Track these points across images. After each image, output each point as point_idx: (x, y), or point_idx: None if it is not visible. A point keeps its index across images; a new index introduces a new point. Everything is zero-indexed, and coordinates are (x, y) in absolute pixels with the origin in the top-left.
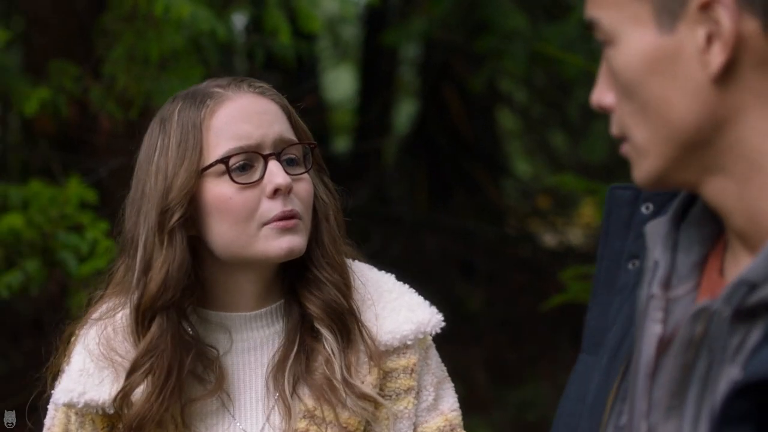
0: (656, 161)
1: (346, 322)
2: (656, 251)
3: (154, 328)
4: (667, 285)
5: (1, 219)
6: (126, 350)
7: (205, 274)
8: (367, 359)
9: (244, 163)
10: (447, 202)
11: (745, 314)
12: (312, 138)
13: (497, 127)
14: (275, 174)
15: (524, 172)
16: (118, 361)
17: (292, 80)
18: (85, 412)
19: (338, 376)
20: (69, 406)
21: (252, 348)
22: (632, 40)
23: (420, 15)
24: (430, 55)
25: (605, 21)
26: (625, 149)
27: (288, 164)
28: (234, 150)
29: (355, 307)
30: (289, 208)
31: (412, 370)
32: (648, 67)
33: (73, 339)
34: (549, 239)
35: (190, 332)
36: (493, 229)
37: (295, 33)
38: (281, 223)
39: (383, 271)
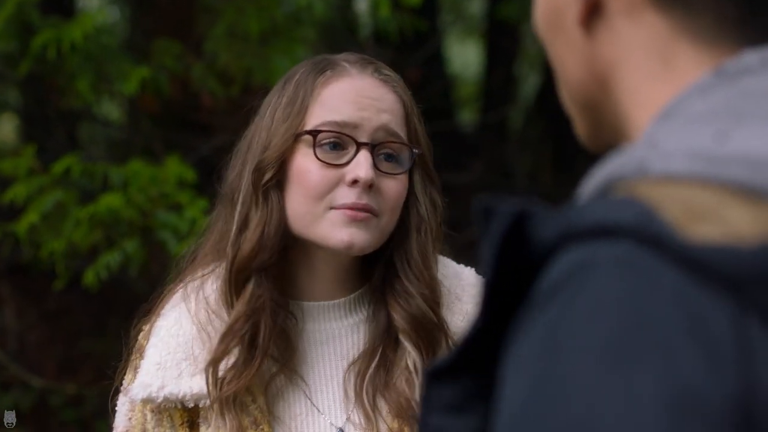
0: (578, 124)
1: (433, 337)
2: None
3: (250, 288)
4: None
5: (100, 199)
6: (221, 317)
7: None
8: None
9: (335, 142)
10: (571, 174)
11: None
12: (424, 144)
13: None
14: (360, 165)
15: None
16: (203, 341)
17: (404, 54)
18: (163, 408)
19: (417, 395)
20: (147, 401)
21: (331, 339)
22: (539, 0)
23: None
24: None
25: None
26: None
27: (385, 159)
28: (326, 125)
29: (444, 321)
30: (363, 201)
31: None
32: (546, 25)
33: (143, 333)
34: None
35: (280, 299)
36: None
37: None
38: (350, 213)
39: (462, 265)
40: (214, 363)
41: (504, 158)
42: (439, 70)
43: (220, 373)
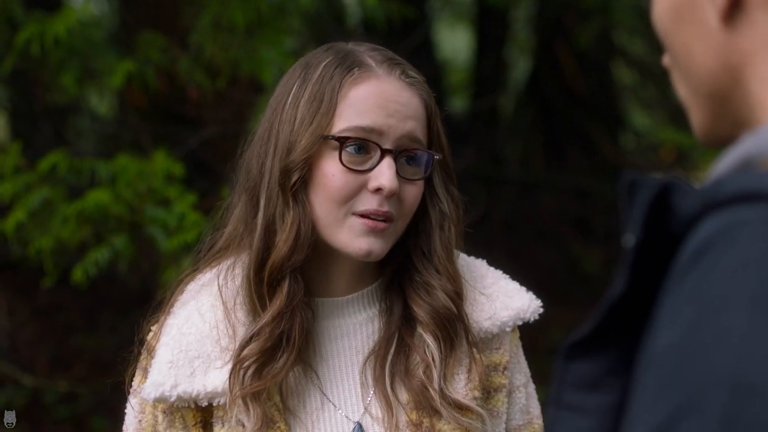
0: (696, 116)
1: (453, 328)
2: None
3: (286, 286)
4: None
5: (87, 195)
6: (241, 318)
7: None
8: (467, 368)
9: (359, 145)
10: (562, 160)
11: None
12: (445, 145)
13: (613, 82)
14: (383, 174)
15: (642, 126)
16: (211, 346)
17: (393, 41)
18: (176, 408)
19: (435, 385)
20: (159, 401)
21: (346, 334)
22: None
23: None
24: (542, 12)
25: None
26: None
27: (406, 162)
28: (352, 130)
29: (465, 314)
30: (385, 208)
31: (505, 368)
32: (672, 17)
33: (152, 334)
34: None
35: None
36: (611, 186)
37: None
38: (371, 223)
39: (473, 257)
40: (243, 360)
41: (495, 145)
42: (429, 57)
43: (248, 370)
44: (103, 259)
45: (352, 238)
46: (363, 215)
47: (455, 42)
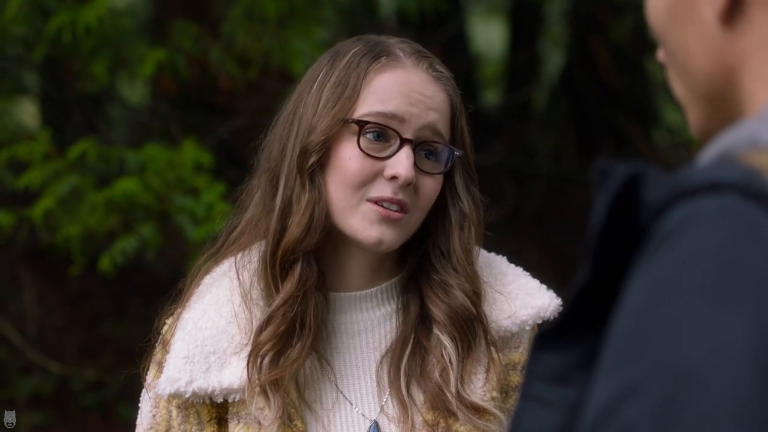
0: (692, 114)
1: (471, 329)
2: None
3: (299, 269)
4: None
5: (116, 183)
6: (257, 301)
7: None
8: (485, 368)
9: (379, 132)
10: (595, 155)
11: None
12: (468, 144)
13: (647, 78)
14: (401, 163)
15: (675, 123)
16: (232, 336)
17: (426, 33)
18: (190, 403)
19: (452, 388)
20: (174, 397)
21: (363, 330)
22: None
23: None
24: (576, 6)
25: None
26: None
27: (426, 156)
28: (373, 115)
29: (483, 314)
30: (399, 197)
31: (523, 367)
32: (668, 14)
33: (167, 327)
34: None
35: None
36: None
37: None
38: (383, 211)
39: (493, 253)
40: (260, 346)
41: (527, 139)
42: (462, 50)
43: (265, 358)
44: (130, 247)
45: (365, 225)
46: (377, 202)
47: (489, 35)
